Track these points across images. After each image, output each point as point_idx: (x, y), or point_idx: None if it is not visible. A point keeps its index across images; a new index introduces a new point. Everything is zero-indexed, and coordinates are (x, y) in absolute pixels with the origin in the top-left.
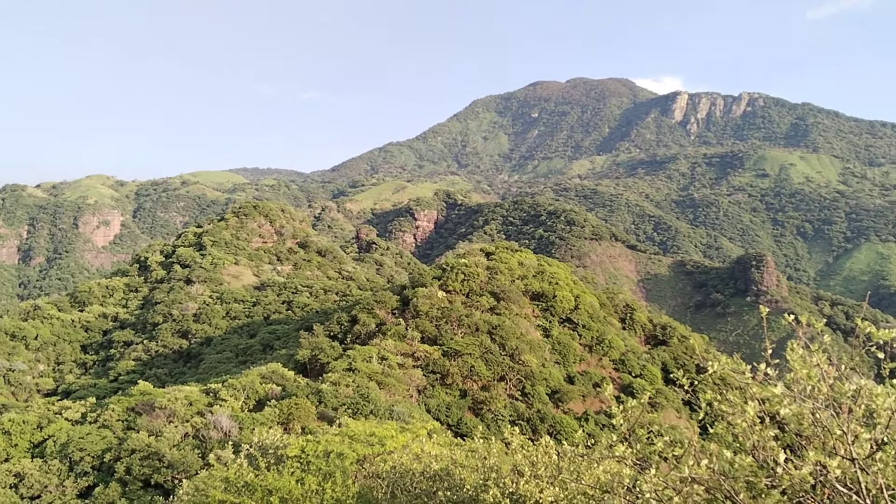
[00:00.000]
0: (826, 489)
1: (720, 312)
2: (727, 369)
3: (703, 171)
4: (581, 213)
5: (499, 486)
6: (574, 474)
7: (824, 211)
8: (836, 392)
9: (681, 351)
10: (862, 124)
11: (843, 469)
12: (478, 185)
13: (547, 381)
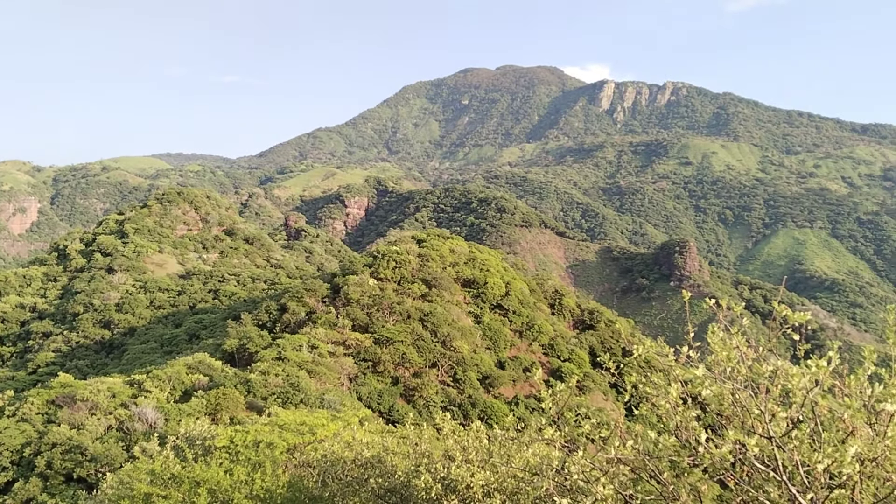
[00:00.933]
0: (745, 466)
1: (645, 297)
2: (651, 352)
3: (629, 159)
4: (511, 201)
5: (430, 471)
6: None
7: (744, 198)
8: (755, 373)
9: (608, 335)
10: (780, 114)
11: (761, 447)
12: (409, 171)
13: (478, 367)
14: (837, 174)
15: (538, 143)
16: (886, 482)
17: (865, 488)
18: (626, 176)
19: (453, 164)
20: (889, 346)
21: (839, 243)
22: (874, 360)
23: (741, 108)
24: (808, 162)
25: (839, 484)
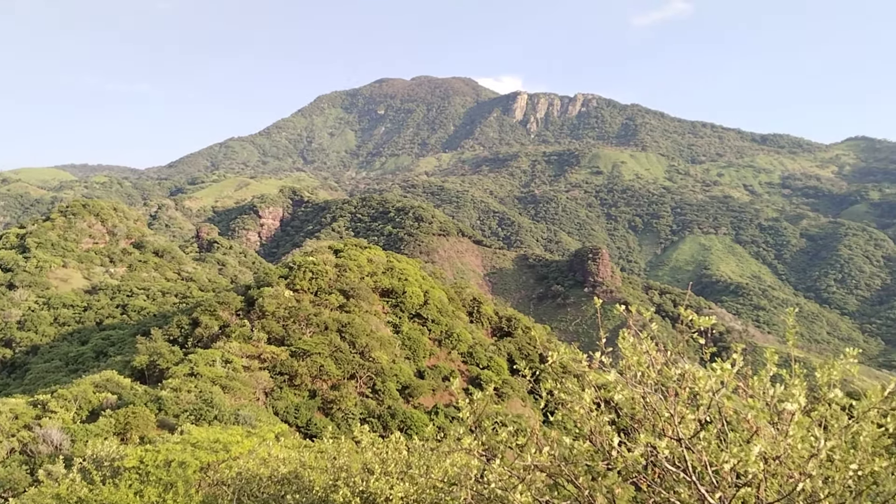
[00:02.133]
0: (657, 468)
1: (561, 303)
2: (566, 358)
3: (542, 168)
4: (429, 210)
5: (349, 485)
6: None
7: (653, 206)
8: (664, 377)
9: (525, 342)
10: (685, 124)
11: (671, 449)
12: (325, 181)
13: (397, 377)
14: (739, 182)
15: (454, 153)
16: (789, 479)
17: (770, 486)
18: (541, 185)
19: (370, 174)
20: (789, 347)
21: (742, 248)
22: (776, 361)
23: (648, 119)
24: (712, 171)
25: (745, 482)
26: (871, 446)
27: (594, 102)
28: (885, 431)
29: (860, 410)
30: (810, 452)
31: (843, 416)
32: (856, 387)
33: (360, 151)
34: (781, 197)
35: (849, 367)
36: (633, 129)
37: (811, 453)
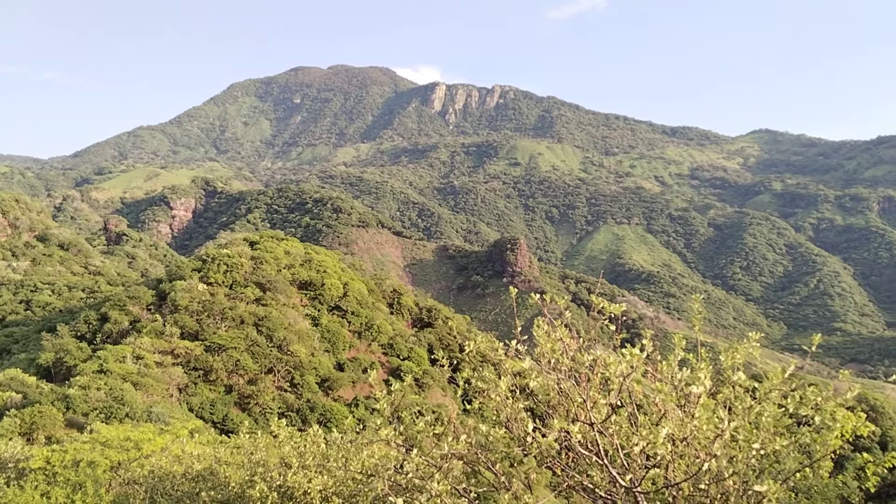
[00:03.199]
0: (571, 453)
1: (480, 293)
2: (483, 347)
3: (461, 159)
4: (347, 201)
5: (266, 480)
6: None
7: (568, 197)
8: (578, 363)
9: (445, 332)
10: (599, 117)
11: (584, 433)
12: (239, 171)
13: (317, 370)
14: (651, 174)
15: (373, 144)
16: (696, 460)
17: (678, 466)
18: (460, 176)
19: (286, 164)
20: (696, 332)
21: (654, 238)
22: (683, 346)
23: (564, 112)
24: (624, 162)
25: (654, 464)
26: (772, 426)
27: (512, 94)
28: (786, 412)
29: (762, 392)
30: (715, 433)
31: (747, 397)
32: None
33: (276, 141)
34: (690, 188)
35: (751, 351)
36: (550, 121)
37: (716, 434)
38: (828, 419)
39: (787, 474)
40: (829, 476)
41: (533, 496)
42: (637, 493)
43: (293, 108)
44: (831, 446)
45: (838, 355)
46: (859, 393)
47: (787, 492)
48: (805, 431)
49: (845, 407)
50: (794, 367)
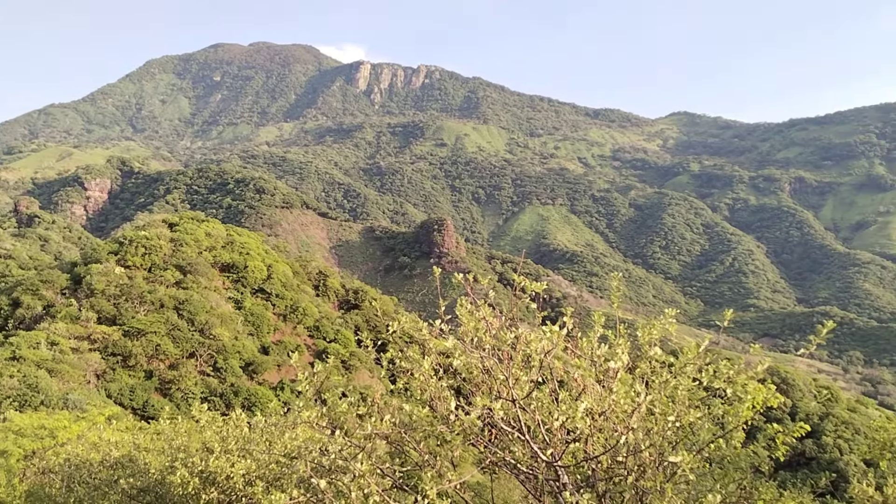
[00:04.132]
0: (494, 429)
1: (408, 274)
2: (407, 327)
3: (387, 139)
4: (271, 181)
5: (187, 465)
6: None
7: (494, 178)
8: (500, 341)
9: (372, 313)
10: (523, 98)
11: (506, 410)
12: (157, 151)
13: (240, 354)
14: (574, 155)
15: (296, 123)
16: (614, 433)
17: (597, 440)
18: (386, 156)
19: (206, 144)
20: (614, 309)
21: (577, 218)
22: (602, 322)
23: (489, 93)
24: (549, 144)
25: (574, 438)
26: (687, 399)
27: (437, 74)
28: (701, 385)
29: (678, 366)
30: (632, 407)
31: (664, 372)
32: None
33: (196, 120)
34: (612, 169)
35: (667, 327)
36: (476, 101)
37: (633, 408)
38: (740, 391)
39: (701, 445)
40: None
41: (457, 473)
42: (557, 467)
43: (213, 85)
44: (743, 417)
45: (752, 330)
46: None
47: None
48: (718, 403)
49: (756, 380)
50: (707, 341)
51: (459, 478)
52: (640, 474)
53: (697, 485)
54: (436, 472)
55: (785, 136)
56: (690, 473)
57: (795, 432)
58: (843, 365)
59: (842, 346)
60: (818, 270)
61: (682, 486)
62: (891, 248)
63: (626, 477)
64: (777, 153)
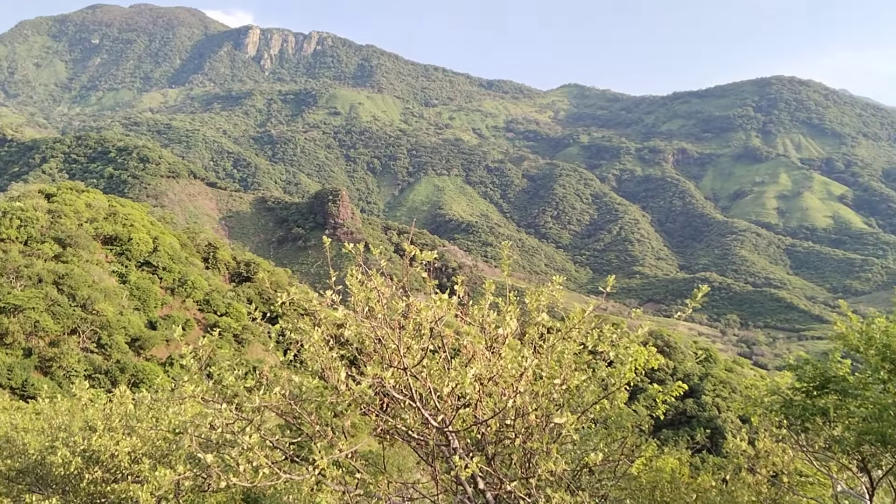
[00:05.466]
0: (386, 398)
1: (302, 246)
2: (296, 298)
3: (279, 107)
4: (156, 150)
5: (69, 445)
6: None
7: (390, 148)
8: (392, 310)
9: (265, 286)
10: (418, 68)
11: (397, 378)
12: (32, 118)
13: (126, 330)
14: (469, 126)
15: (182, 89)
16: (503, 397)
17: (486, 405)
18: (277, 125)
19: (85, 110)
20: (504, 277)
21: (472, 189)
22: (493, 290)
23: (383, 61)
24: (444, 114)
25: (464, 404)
26: (574, 362)
27: (329, 41)
28: (585, 348)
29: (564, 331)
30: (520, 371)
31: (551, 337)
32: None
33: (73, 85)
34: (506, 140)
35: (554, 293)
36: (370, 70)
37: (520, 372)
38: (622, 354)
39: (585, 406)
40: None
41: (348, 442)
42: (448, 433)
43: (91, 49)
44: (625, 379)
45: (637, 296)
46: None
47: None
48: (603, 366)
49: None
50: (592, 307)
51: (350, 447)
52: (527, 436)
53: (582, 444)
54: (327, 442)
55: (669, 109)
56: (575, 434)
57: (674, 392)
58: (721, 328)
59: (720, 310)
60: (699, 238)
61: (567, 447)
62: (765, 217)
63: (514, 439)
64: (661, 125)
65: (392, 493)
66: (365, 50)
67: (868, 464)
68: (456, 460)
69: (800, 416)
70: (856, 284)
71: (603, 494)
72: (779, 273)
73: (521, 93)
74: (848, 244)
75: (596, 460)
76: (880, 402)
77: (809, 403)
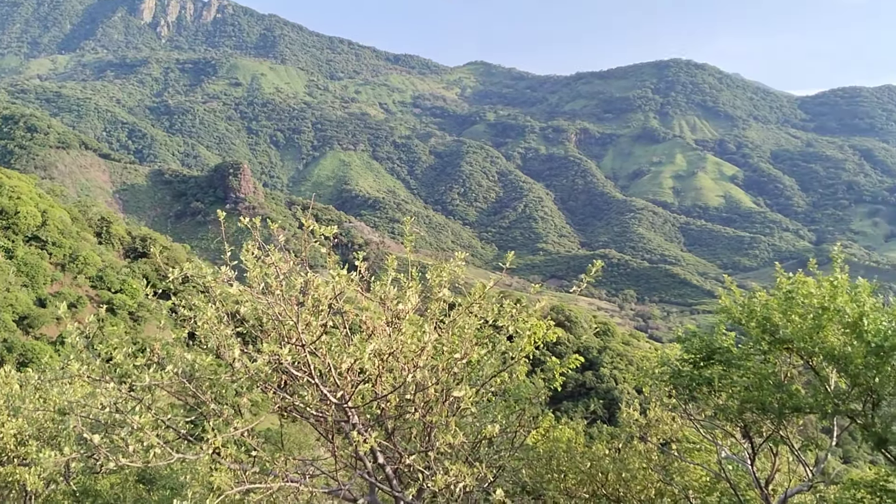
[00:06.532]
0: (283, 374)
1: (201, 221)
2: (191, 274)
3: (176, 76)
4: (44, 119)
5: None
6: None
7: (294, 121)
8: (290, 286)
9: (163, 262)
10: (323, 39)
11: (294, 355)
12: None
13: (13, 307)
14: (375, 100)
15: (73, 55)
16: (403, 372)
17: (385, 380)
18: (175, 95)
19: None
20: (407, 253)
21: (379, 164)
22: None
23: (287, 32)
24: (350, 88)
25: (364, 379)
26: (474, 337)
27: (230, 9)
28: (486, 323)
29: (464, 306)
30: (419, 346)
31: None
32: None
33: None
34: (413, 116)
35: (455, 269)
36: (272, 40)
37: (420, 347)
38: (521, 328)
39: (484, 380)
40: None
41: (244, 420)
42: (347, 408)
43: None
44: (525, 352)
45: (541, 273)
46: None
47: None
48: (503, 340)
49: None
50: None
51: (246, 425)
52: (426, 410)
53: (482, 417)
54: (223, 420)
55: (572, 89)
56: (473, 407)
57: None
58: (619, 303)
59: (618, 286)
60: (599, 216)
61: (468, 419)
62: (662, 196)
63: (414, 413)
64: (565, 105)
65: (290, 470)
66: (268, 19)
67: (750, 431)
68: (354, 435)
69: (687, 386)
70: (744, 261)
71: (500, 465)
72: (673, 250)
73: (428, 68)
74: (738, 222)
75: (493, 432)
76: (760, 371)
77: (696, 374)
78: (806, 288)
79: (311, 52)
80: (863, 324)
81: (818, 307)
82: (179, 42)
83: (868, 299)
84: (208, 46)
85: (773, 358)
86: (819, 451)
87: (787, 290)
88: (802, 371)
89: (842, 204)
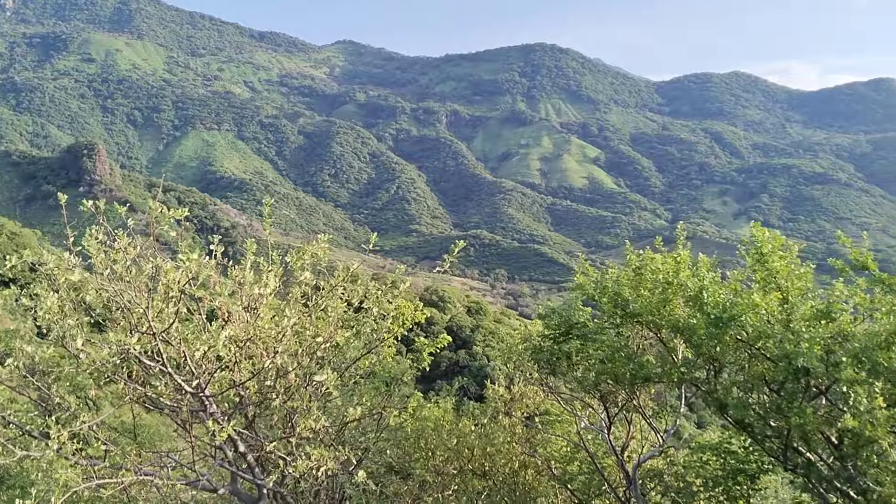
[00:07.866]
0: (133, 364)
1: (53, 205)
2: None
3: (23, 51)
4: None
5: None
6: None
7: (153, 99)
8: (139, 272)
9: (11, 249)
10: (183, 14)
11: (144, 344)
12: None
13: None
14: (240, 78)
15: None
16: (262, 358)
17: (244, 367)
18: (22, 71)
19: None
20: (267, 235)
21: (245, 145)
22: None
23: (144, 6)
24: (212, 65)
25: (221, 367)
26: (339, 319)
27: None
28: (350, 305)
29: (328, 288)
30: (278, 331)
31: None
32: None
33: None
34: (280, 95)
35: (318, 251)
36: (128, 14)
37: (279, 332)
38: (386, 309)
39: (348, 363)
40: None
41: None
42: (204, 397)
43: None
44: (392, 333)
45: (414, 254)
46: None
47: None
48: (370, 322)
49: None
50: (356, 264)
51: (94, 418)
52: (288, 396)
53: (348, 400)
54: (70, 414)
55: (442, 71)
56: (335, 390)
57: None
58: (491, 282)
59: (490, 265)
60: (471, 197)
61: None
62: (529, 177)
63: (276, 399)
64: (435, 86)
65: (144, 463)
66: None
67: (606, 401)
68: (210, 425)
69: (548, 360)
70: (606, 239)
71: (365, 447)
72: (541, 230)
73: (294, 47)
74: (600, 203)
75: (355, 415)
76: (613, 344)
77: (556, 349)
78: (653, 264)
79: (171, 28)
80: (703, 297)
81: (664, 282)
82: (26, 15)
83: (708, 274)
84: (58, 20)
85: (626, 331)
86: (668, 417)
87: (636, 266)
88: (653, 343)
89: (695, 184)
